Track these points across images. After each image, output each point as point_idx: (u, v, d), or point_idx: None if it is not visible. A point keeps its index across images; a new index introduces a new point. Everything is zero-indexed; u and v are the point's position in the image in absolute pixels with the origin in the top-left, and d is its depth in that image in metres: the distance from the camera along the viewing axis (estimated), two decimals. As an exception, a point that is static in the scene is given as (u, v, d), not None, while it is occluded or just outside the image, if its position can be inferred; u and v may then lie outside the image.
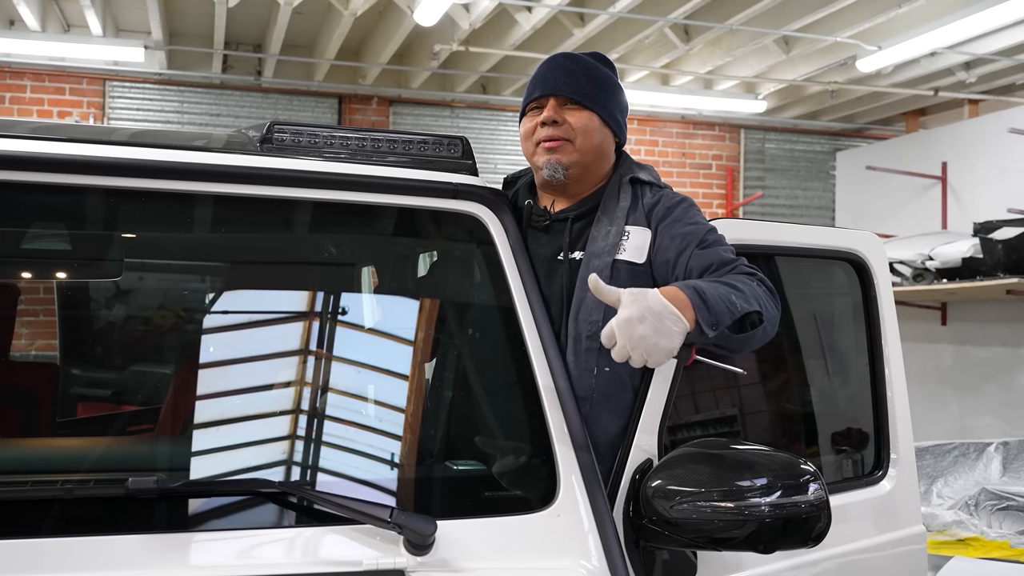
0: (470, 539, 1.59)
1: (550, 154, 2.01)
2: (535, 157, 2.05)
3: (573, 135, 2.01)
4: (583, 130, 2.02)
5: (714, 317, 1.69)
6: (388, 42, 7.51)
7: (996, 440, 5.57)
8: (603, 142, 2.05)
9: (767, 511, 1.61)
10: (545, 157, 2.02)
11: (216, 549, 1.52)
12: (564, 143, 2.01)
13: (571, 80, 2.04)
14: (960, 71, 7.95)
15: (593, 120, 2.03)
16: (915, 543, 2.33)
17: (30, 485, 1.59)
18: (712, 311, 1.69)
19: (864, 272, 2.40)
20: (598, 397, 1.86)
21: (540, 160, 2.03)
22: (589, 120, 2.02)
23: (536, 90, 2.06)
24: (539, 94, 2.05)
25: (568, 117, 2.02)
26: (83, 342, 2.47)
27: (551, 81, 2.05)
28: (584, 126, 2.02)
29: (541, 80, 2.07)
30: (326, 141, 1.88)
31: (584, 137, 2.02)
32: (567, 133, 2.01)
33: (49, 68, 8.06)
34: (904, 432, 2.37)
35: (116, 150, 1.73)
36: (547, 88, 2.04)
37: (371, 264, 2.19)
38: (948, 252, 6.84)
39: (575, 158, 2.01)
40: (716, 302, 1.70)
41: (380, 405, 1.85)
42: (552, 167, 2.01)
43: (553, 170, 2.01)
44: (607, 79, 2.09)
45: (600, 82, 2.06)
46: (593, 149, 2.03)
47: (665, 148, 9.74)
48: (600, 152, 2.05)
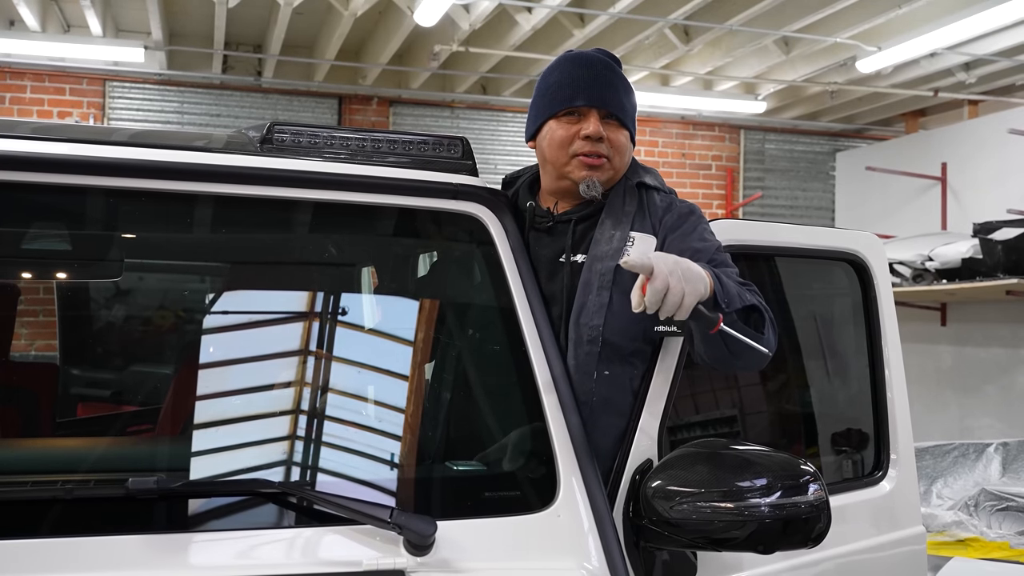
0: (470, 539, 1.59)
1: (590, 171, 1.97)
2: (568, 168, 1.99)
3: (612, 153, 1.98)
4: (620, 149, 2.00)
5: (726, 295, 1.72)
6: (388, 43, 7.52)
7: (996, 441, 5.57)
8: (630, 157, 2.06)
9: (767, 512, 1.61)
10: (584, 173, 1.97)
11: (216, 549, 1.53)
12: (604, 161, 1.98)
13: (614, 95, 1.99)
14: (960, 72, 7.95)
15: (627, 139, 2.02)
16: (915, 544, 2.34)
17: (30, 485, 1.59)
18: (725, 289, 1.73)
19: (864, 273, 2.40)
20: (598, 401, 1.86)
21: (576, 174, 1.98)
22: (625, 139, 2.01)
23: (578, 97, 1.98)
24: (583, 103, 1.98)
25: (609, 134, 1.98)
26: (83, 342, 2.47)
27: (595, 92, 1.98)
28: (622, 145, 2.00)
29: (585, 87, 1.99)
30: (326, 142, 1.88)
31: (620, 156, 2.00)
32: (608, 151, 1.98)
33: (49, 68, 8.06)
34: (904, 433, 2.37)
35: (116, 150, 1.73)
36: (592, 100, 1.98)
37: (371, 264, 2.19)
38: (948, 253, 6.84)
39: (610, 175, 2.00)
40: (728, 284, 1.74)
41: (380, 405, 1.85)
42: (590, 184, 1.97)
43: (591, 187, 1.97)
44: (631, 89, 2.06)
45: (631, 96, 2.04)
46: (624, 167, 2.03)
47: (665, 149, 9.74)
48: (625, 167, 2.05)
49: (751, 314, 1.78)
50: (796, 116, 9.83)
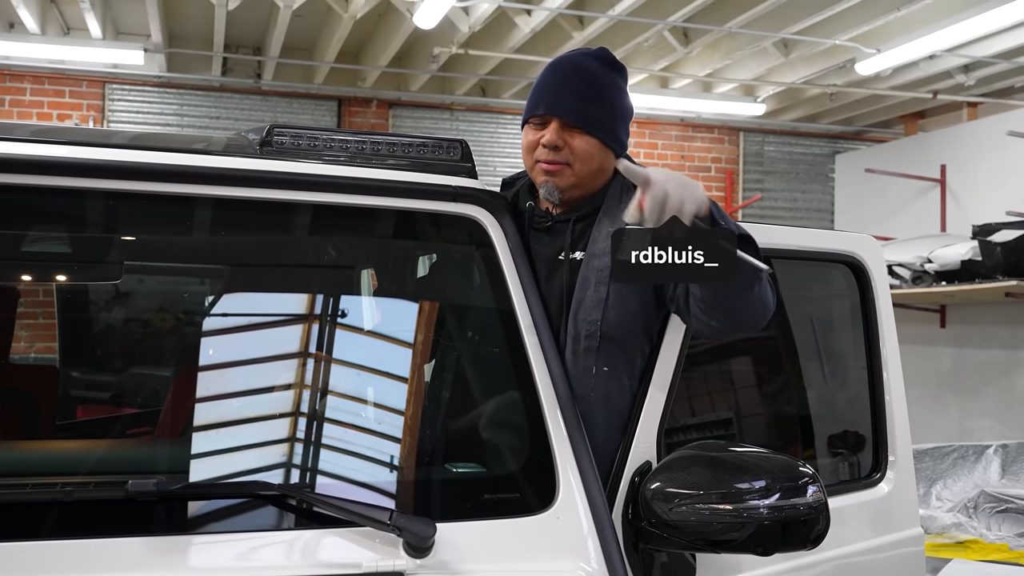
0: (469, 541, 1.59)
1: (548, 176, 1.99)
2: (533, 173, 2.04)
3: (572, 159, 1.98)
4: (583, 155, 1.98)
5: (723, 217, 1.76)
6: (388, 45, 7.52)
7: (995, 443, 5.57)
8: (603, 162, 2.02)
9: (766, 513, 1.61)
10: (542, 178, 2.00)
11: (216, 551, 1.53)
12: (562, 167, 1.98)
13: (578, 103, 1.98)
14: (959, 74, 7.96)
15: (593, 145, 1.99)
16: (913, 545, 2.34)
17: (30, 488, 1.59)
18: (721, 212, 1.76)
19: (862, 275, 2.41)
20: (596, 396, 1.87)
21: (537, 179, 2.02)
22: (590, 146, 1.99)
23: (540, 106, 2.01)
24: (543, 112, 2.00)
25: (570, 140, 1.98)
26: (83, 345, 2.47)
27: (556, 101, 1.99)
28: (584, 151, 1.98)
29: (547, 95, 2.01)
30: (326, 144, 1.88)
31: (583, 163, 1.99)
32: (566, 158, 1.98)
33: (49, 71, 8.06)
34: (902, 435, 2.38)
35: (116, 153, 1.73)
36: (552, 108, 1.99)
37: (370, 267, 2.19)
38: (947, 255, 6.84)
39: (571, 182, 2.00)
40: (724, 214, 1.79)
41: (379, 408, 1.85)
42: (548, 189, 2.00)
43: (549, 192, 2.00)
44: (613, 93, 2.03)
45: (606, 101, 2.01)
46: (590, 173, 2.01)
47: (664, 151, 9.75)
48: (598, 172, 2.03)
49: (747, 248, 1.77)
50: (795, 118, 9.84)
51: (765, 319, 1.86)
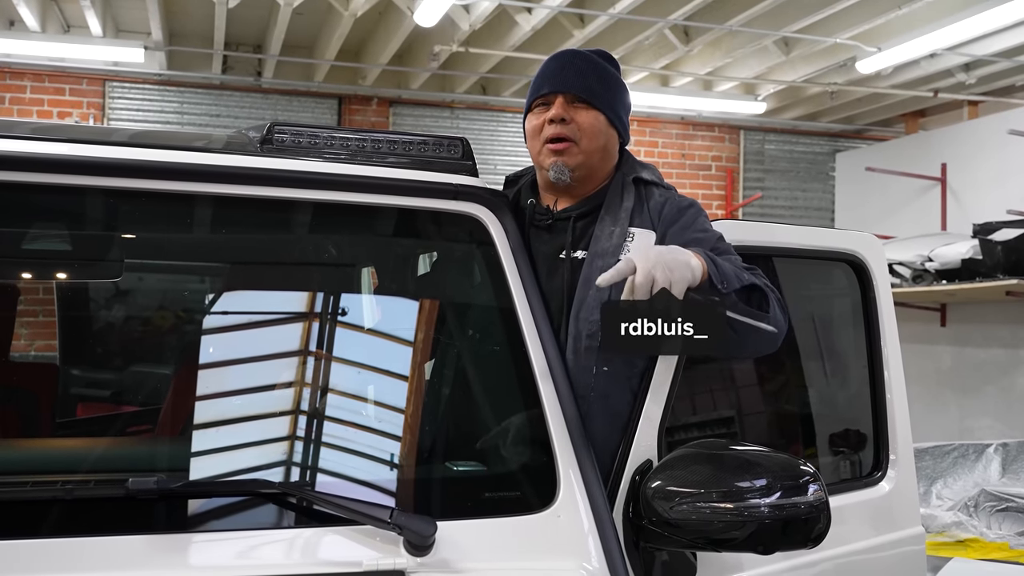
0: (470, 540, 1.59)
1: (556, 156, 2.01)
2: (541, 157, 2.05)
3: (579, 135, 2.01)
4: (590, 130, 2.01)
5: (723, 276, 1.74)
6: (388, 43, 7.52)
7: (995, 441, 5.57)
8: (608, 142, 2.05)
9: (767, 512, 1.61)
10: (551, 159, 2.02)
11: (216, 550, 1.53)
12: (570, 145, 2.00)
13: (581, 78, 2.03)
14: (960, 72, 7.95)
15: (600, 120, 2.03)
16: (914, 544, 2.34)
17: (30, 486, 1.59)
18: (721, 271, 1.74)
19: (863, 273, 2.40)
20: (596, 396, 1.87)
21: (546, 161, 2.03)
22: (596, 120, 2.02)
23: (544, 86, 2.05)
24: (547, 90, 2.04)
25: (575, 116, 2.01)
26: (83, 343, 2.47)
27: (560, 78, 2.04)
28: (591, 126, 2.01)
29: (550, 76, 2.05)
30: (326, 142, 1.88)
31: (590, 138, 2.01)
32: (573, 133, 2.01)
33: (49, 69, 8.06)
34: (903, 433, 2.38)
35: (116, 151, 1.73)
36: (556, 85, 2.03)
37: (371, 265, 2.19)
38: (947, 253, 6.84)
39: (580, 160, 2.01)
40: (725, 267, 1.76)
41: (380, 406, 1.85)
42: (558, 169, 2.01)
43: (559, 172, 2.01)
44: (614, 79, 2.08)
45: (608, 82, 2.06)
46: (598, 150, 2.03)
47: (665, 149, 9.74)
48: (605, 152, 2.05)
49: (752, 294, 1.78)
50: (796, 117, 9.84)
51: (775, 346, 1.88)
